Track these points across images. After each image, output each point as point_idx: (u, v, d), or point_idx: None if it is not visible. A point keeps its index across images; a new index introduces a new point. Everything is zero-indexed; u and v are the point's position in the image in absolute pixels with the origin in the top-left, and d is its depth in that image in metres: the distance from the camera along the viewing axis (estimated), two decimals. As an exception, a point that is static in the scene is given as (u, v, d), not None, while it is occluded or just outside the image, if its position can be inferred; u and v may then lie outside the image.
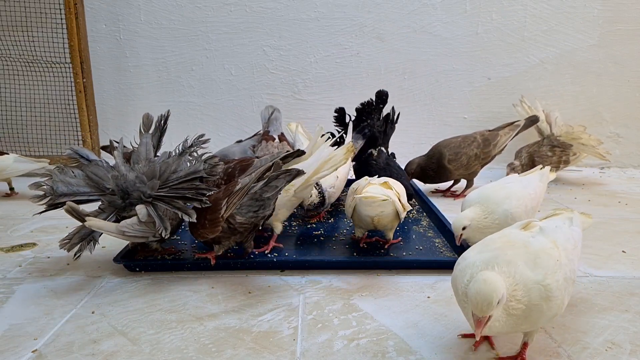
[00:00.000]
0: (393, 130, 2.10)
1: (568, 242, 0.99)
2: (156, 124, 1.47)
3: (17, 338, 1.03)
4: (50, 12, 2.41)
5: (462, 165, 2.12)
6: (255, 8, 2.59)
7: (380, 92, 2.07)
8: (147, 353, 0.98)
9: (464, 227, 1.36)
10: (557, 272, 0.90)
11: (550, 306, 0.88)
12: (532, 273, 0.88)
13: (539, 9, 2.58)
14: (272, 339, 1.03)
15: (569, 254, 0.96)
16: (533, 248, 0.93)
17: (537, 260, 0.90)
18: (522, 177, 1.52)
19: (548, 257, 0.91)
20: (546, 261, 0.90)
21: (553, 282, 0.88)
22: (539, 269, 0.89)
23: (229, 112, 2.70)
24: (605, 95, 2.68)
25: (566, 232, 1.02)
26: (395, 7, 2.58)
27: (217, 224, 1.26)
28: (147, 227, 1.25)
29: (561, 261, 0.92)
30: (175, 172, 1.33)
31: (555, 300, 0.88)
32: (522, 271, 0.88)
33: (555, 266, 0.90)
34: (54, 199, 1.29)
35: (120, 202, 1.31)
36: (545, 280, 0.87)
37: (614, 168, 2.73)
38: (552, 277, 0.89)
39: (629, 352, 0.98)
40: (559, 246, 0.95)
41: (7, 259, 1.45)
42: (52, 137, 2.56)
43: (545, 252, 0.92)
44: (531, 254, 0.91)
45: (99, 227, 1.23)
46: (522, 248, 0.93)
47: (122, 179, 1.31)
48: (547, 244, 0.95)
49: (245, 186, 1.25)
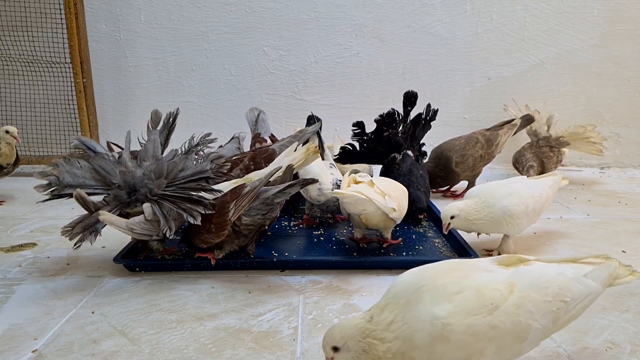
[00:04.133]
0: (429, 128, 1.98)
1: (544, 292, 0.79)
2: (164, 122, 1.47)
3: (17, 338, 1.03)
4: (50, 12, 2.41)
5: (468, 168, 2.12)
6: (255, 8, 2.59)
7: (408, 94, 1.93)
8: (147, 353, 0.98)
9: (452, 217, 1.37)
10: (478, 314, 0.74)
11: (445, 348, 0.72)
12: (434, 307, 0.73)
13: (539, 9, 2.58)
14: (272, 339, 1.03)
15: (531, 305, 0.77)
16: (473, 282, 0.77)
17: (459, 294, 0.75)
18: (530, 179, 1.53)
19: (477, 295, 0.75)
20: (468, 297, 0.75)
21: (457, 322, 0.72)
22: (446, 303, 0.74)
23: (229, 112, 2.70)
24: (605, 95, 2.68)
25: (558, 282, 0.80)
26: (395, 7, 2.58)
27: (224, 228, 1.25)
28: (152, 225, 1.26)
29: (502, 307, 0.75)
30: (182, 171, 1.33)
31: (450, 344, 0.72)
32: (415, 309, 0.74)
33: (479, 306, 0.74)
34: (60, 189, 1.29)
35: (125, 198, 1.31)
36: (446, 318, 0.72)
37: (614, 168, 2.74)
38: (462, 316, 0.73)
39: (629, 352, 0.98)
40: (518, 291, 0.77)
41: (7, 259, 1.45)
42: (52, 137, 2.56)
43: (484, 285, 0.77)
44: (462, 285, 0.77)
45: (111, 221, 1.23)
46: (458, 277, 0.78)
47: (129, 175, 1.31)
48: (496, 283, 0.78)
49: (255, 189, 1.25)
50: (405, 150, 1.88)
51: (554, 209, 1.97)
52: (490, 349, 0.75)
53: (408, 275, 0.81)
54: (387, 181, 1.52)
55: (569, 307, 0.80)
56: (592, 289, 0.83)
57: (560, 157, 2.39)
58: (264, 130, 2.14)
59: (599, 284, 0.84)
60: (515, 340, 0.77)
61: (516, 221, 1.40)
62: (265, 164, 1.60)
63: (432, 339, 0.72)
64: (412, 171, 1.82)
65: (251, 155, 1.67)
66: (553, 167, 2.34)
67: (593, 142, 2.38)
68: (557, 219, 1.84)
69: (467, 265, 0.82)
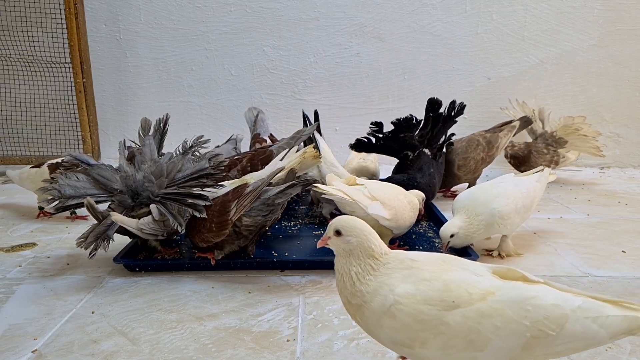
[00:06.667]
0: (452, 124, 1.98)
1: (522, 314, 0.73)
2: (154, 127, 1.49)
3: (17, 338, 1.03)
4: (50, 12, 2.41)
5: (470, 170, 2.12)
6: (255, 8, 2.59)
7: (432, 101, 1.93)
8: (147, 353, 0.98)
9: (451, 235, 1.37)
10: (434, 305, 0.74)
11: (389, 324, 0.75)
12: (399, 283, 0.76)
13: (539, 9, 2.58)
14: (272, 339, 1.03)
15: (499, 320, 0.73)
16: (448, 276, 0.77)
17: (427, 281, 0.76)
18: (517, 177, 1.53)
19: (444, 289, 0.75)
20: (434, 287, 0.75)
21: (409, 304, 0.74)
22: (410, 284, 0.76)
23: (229, 112, 2.70)
24: (605, 95, 2.68)
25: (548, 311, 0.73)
26: (395, 7, 2.58)
27: (225, 227, 1.26)
28: (158, 225, 1.29)
29: (463, 308, 0.73)
30: (181, 171, 1.35)
31: (394, 321, 0.75)
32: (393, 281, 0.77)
33: (440, 299, 0.74)
34: (63, 201, 1.31)
35: (130, 202, 1.34)
36: (400, 296, 0.74)
37: (614, 168, 2.73)
38: (417, 300, 0.74)
39: (629, 352, 0.98)
40: (491, 302, 0.74)
41: (7, 259, 1.45)
42: (52, 137, 2.56)
43: (457, 282, 0.76)
44: (436, 275, 0.77)
45: (122, 221, 1.28)
46: (441, 269, 0.79)
47: (130, 179, 1.34)
48: (472, 286, 0.75)
49: (257, 189, 1.25)
50: (421, 149, 1.88)
51: (554, 209, 1.97)
52: (435, 343, 0.74)
53: (417, 253, 0.84)
54: (390, 188, 1.48)
55: (552, 341, 0.73)
56: (593, 334, 0.73)
57: (557, 159, 2.35)
58: (263, 130, 2.15)
59: (605, 333, 0.73)
60: (467, 347, 0.74)
61: (507, 221, 1.40)
62: (262, 166, 1.60)
63: (382, 310, 0.76)
64: (422, 169, 1.84)
65: (249, 157, 1.67)
66: (543, 164, 2.27)
67: (584, 134, 2.32)
68: (557, 219, 1.84)
69: (460, 263, 0.81)
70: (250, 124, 2.20)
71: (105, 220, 1.29)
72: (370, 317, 0.78)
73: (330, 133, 2.53)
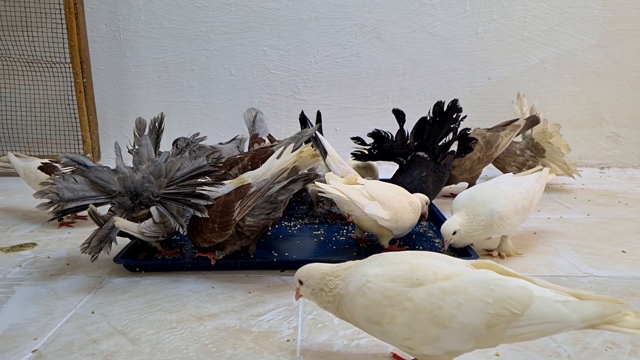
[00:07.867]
0: (450, 123, 1.88)
1: (485, 293, 0.76)
2: (150, 127, 1.48)
3: (17, 338, 1.03)
4: (50, 12, 2.41)
5: (465, 170, 2.08)
6: (255, 8, 2.59)
7: (454, 104, 1.89)
8: (147, 353, 0.98)
9: (454, 232, 1.36)
10: (399, 282, 0.80)
11: (362, 303, 0.81)
12: (370, 268, 0.84)
13: (539, 9, 2.58)
14: (272, 339, 1.03)
15: (462, 297, 0.76)
16: (417, 260, 0.83)
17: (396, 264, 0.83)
18: (515, 177, 1.52)
19: (410, 269, 0.81)
20: (401, 268, 0.81)
21: (377, 282, 0.81)
22: (379, 267, 0.83)
23: (229, 112, 2.70)
24: (605, 95, 2.68)
25: (513, 292, 0.75)
26: (395, 7, 2.59)
27: (228, 228, 1.25)
28: (159, 227, 1.29)
29: (427, 286, 0.78)
30: (179, 170, 1.34)
31: (365, 299, 0.81)
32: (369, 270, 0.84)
33: (405, 277, 0.80)
34: (62, 205, 1.30)
35: (130, 203, 1.33)
36: (370, 276, 0.82)
37: (614, 168, 2.74)
38: (385, 279, 0.81)
39: (629, 352, 0.98)
40: (455, 281, 0.77)
41: (7, 259, 1.45)
42: (52, 137, 2.56)
43: (425, 265, 0.81)
44: (406, 260, 0.84)
45: (124, 226, 1.27)
46: (415, 257, 0.85)
47: (129, 180, 1.32)
48: (439, 269, 0.80)
49: (262, 189, 1.24)
50: (415, 153, 1.85)
51: (554, 209, 1.97)
52: (401, 318, 0.79)
53: (401, 252, 0.93)
54: (391, 189, 1.47)
55: (518, 321, 0.74)
56: (563, 317, 0.73)
57: (532, 164, 2.19)
58: (262, 130, 2.15)
59: (576, 317, 0.73)
60: (432, 323, 0.77)
61: (506, 222, 1.39)
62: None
63: (355, 291, 0.83)
64: (412, 173, 1.79)
65: (250, 156, 1.67)
66: (514, 166, 2.20)
67: (550, 143, 2.17)
68: (557, 219, 1.84)
69: (437, 255, 0.87)
70: (249, 125, 2.20)
71: (107, 223, 1.28)
72: (348, 303, 0.85)
73: (331, 133, 2.53)
